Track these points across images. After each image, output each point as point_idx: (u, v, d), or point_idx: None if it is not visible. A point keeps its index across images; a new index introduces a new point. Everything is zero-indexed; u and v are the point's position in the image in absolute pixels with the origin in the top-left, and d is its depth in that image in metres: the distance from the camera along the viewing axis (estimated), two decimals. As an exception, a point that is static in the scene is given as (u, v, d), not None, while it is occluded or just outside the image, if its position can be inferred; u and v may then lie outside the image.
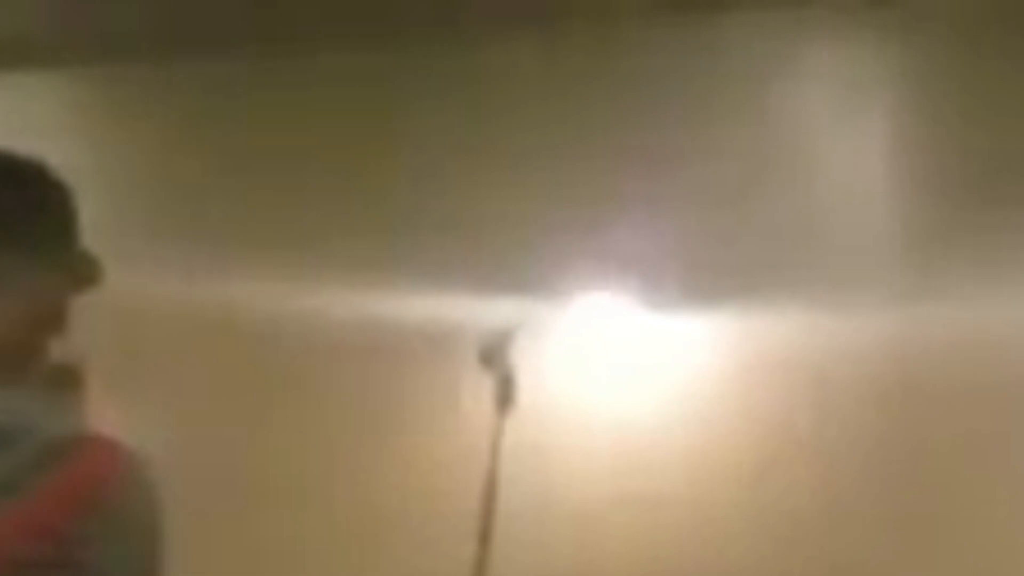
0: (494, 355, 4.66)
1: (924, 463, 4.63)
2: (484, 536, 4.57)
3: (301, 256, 5.48)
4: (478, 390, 4.72)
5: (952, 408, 4.59)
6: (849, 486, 4.72)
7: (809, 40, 5.06)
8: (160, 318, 5.45)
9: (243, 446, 5.34)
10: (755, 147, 5.00)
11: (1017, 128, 4.69)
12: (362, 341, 5.24)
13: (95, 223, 2.26)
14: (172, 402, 5.27)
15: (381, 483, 5.22)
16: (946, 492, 4.58)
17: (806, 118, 5.05)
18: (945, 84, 4.83)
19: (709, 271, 4.96)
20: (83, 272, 2.18)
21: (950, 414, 4.59)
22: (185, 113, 5.85)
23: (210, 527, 4.74)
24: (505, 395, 4.65)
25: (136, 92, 5.96)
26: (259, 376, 5.45)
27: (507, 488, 4.61)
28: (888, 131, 4.97)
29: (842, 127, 4.98)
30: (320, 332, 5.32)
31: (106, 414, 2.34)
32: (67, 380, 2.29)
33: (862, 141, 4.96)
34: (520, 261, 5.13)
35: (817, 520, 4.71)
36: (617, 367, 5.05)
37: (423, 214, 5.36)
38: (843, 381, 4.72)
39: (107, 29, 5.69)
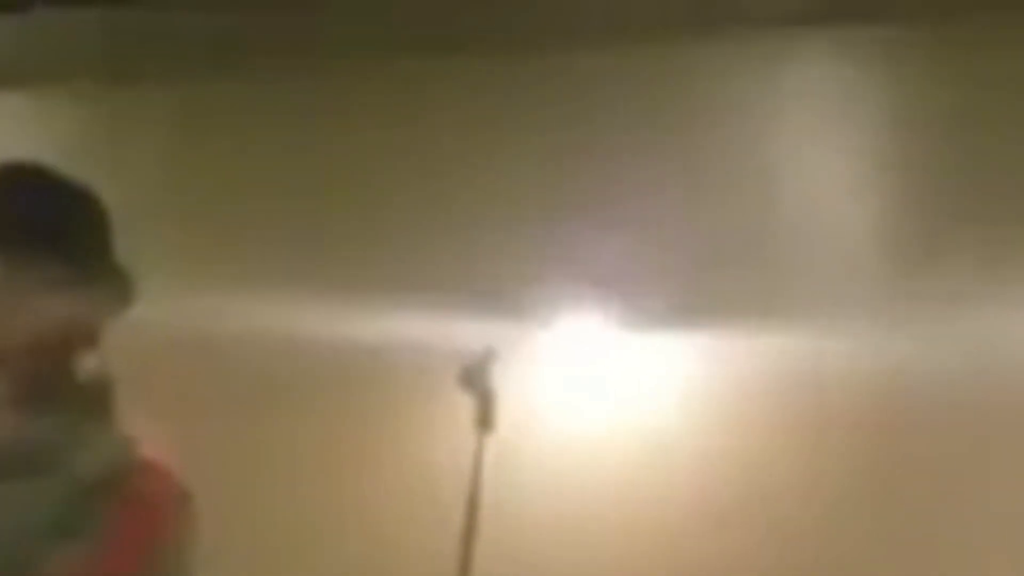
0: (474, 376, 4.65)
1: (908, 484, 4.62)
2: (465, 557, 4.54)
3: (281, 278, 5.46)
4: (458, 412, 4.70)
5: (936, 427, 4.59)
6: (834, 504, 4.71)
7: (791, 58, 5.07)
8: (139, 337, 5.41)
9: (222, 465, 5.30)
10: (737, 167, 5.00)
11: (1001, 147, 4.71)
12: (342, 363, 5.22)
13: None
14: (152, 420, 5.23)
15: (362, 502, 5.19)
16: (933, 510, 4.57)
17: (788, 137, 5.06)
18: (928, 101, 4.84)
19: (690, 291, 4.95)
20: (120, 290, 2.18)
21: (934, 434, 4.59)
22: (179, 130, 5.85)
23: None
24: (485, 416, 4.63)
25: (133, 109, 5.95)
26: (239, 397, 5.42)
27: (488, 509, 4.59)
28: (871, 149, 4.98)
29: (825, 145, 4.98)
30: (300, 353, 5.29)
31: (143, 433, 2.34)
32: (101, 399, 2.28)
33: (846, 159, 4.96)
34: (500, 282, 5.12)
35: (803, 538, 4.70)
36: (597, 388, 5.05)
37: (404, 236, 5.35)
38: (827, 400, 4.72)
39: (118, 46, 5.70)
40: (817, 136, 5.00)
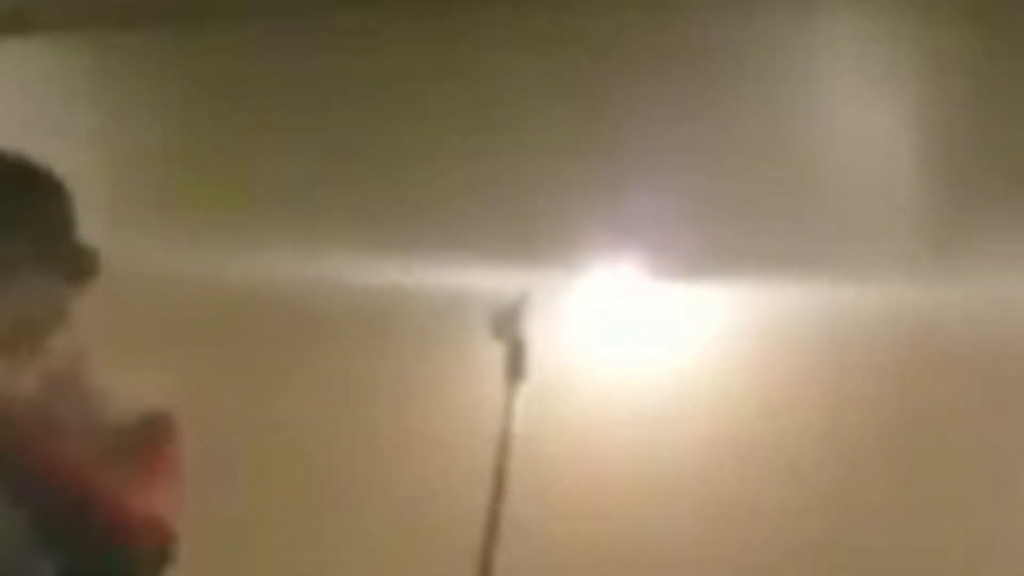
0: (505, 325, 4.64)
1: (939, 439, 4.61)
2: (495, 506, 4.55)
3: (311, 225, 5.46)
4: (489, 360, 4.70)
5: (969, 384, 4.58)
6: (864, 459, 4.70)
7: (830, 15, 5.02)
8: (167, 285, 5.44)
9: (252, 415, 5.32)
10: (772, 123, 4.97)
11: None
12: (372, 312, 5.22)
13: (104, 192, 2.26)
14: (183, 368, 5.25)
15: (392, 452, 5.20)
16: (963, 469, 4.57)
17: (824, 92, 5.02)
18: (966, 59, 4.79)
19: (722, 242, 4.93)
20: (83, 265, 2.22)
21: (967, 390, 4.58)
22: (189, 80, 5.83)
23: (221, 491, 4.74)
24: (516, 366, 4.63)
25: (133, 59, 5.94)
26: (269, 345, 5.44)
27: (518, 458, 4.60)
28: (906, 107, 4.94)
29: (860, 101, 4.94)
30: (330, 301, 5.30)
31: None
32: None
33: (880, 116, 4.92)
34: (532, 231, 5.10)
35: (833, 492, 4.70)
36: (629, 337, 5.04)
37: (434, 184, 5.33)
38: (858, 354, 4.70)
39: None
40: (852, 92, 4.96)
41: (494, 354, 4.66)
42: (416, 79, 5.42)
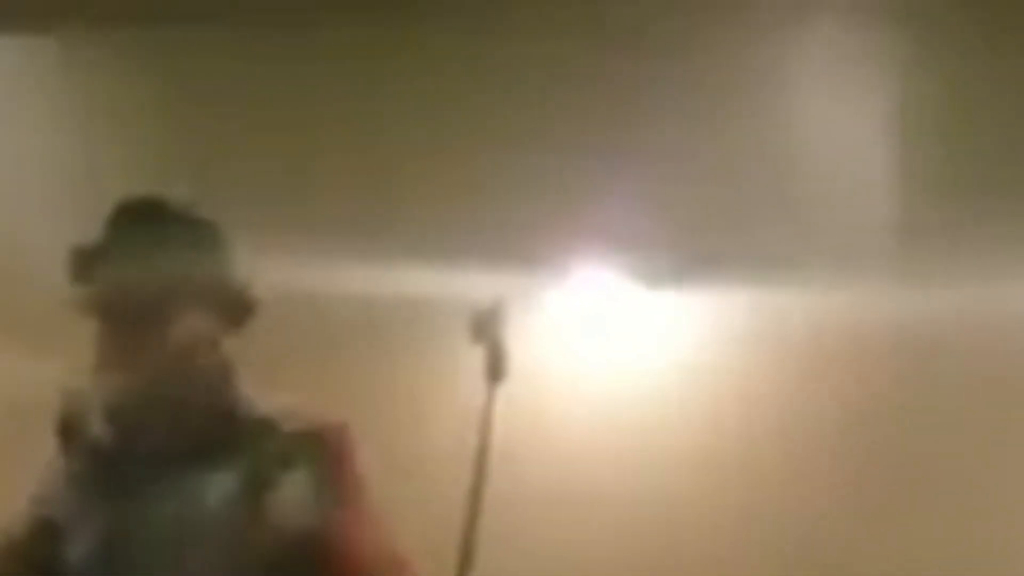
0: (485, 327, 4.63)
1: (925, 441, 4.63)
2: (474, 507, 4.55)
3: (289, 227, 5.45)
4: (469, 363, 4.70)
5: (952, 385, 4.60)
6: (846, 460, 4.73)
7: (814, 22, 5.03)
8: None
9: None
10: (755, 125, 4.98)
11: (1017, 114, 4.69)
12: (352, 314, 5.22)
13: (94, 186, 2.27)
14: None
15: (370, 455, 5.19)
16: (948, 469, 4.59)
17: (806, 98, 5.03)
18: (947, 64, 4.81)
19: (701, 247, 4.95)
20: (243, 307, 2.35)
21: (950, 391, 4.60)
22: (181, 82, 5.82)
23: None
24: (496, 368, 4.62)
25: (128, 57, 5.92)
26: (246, 352, 5.42)
27: (498, 461, 4.60)
28: (889, 113, 4.96)
29: (844, 106, 4.96)
30: (309, 304, 5.29)
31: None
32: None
33: (860, 125, 4.94)
34: (513, 234, 5.11)
35: (815, 492, 4.72)
36: (609, 341, 5.05)
37: (415, 185, 5.33)
38: (841, 358, 4.72)
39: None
40: (833, 100, 4.98)
41: (474, 357, 4.66)
42: (394, 86, 5.42)
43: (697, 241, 4.94)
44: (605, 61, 5.15)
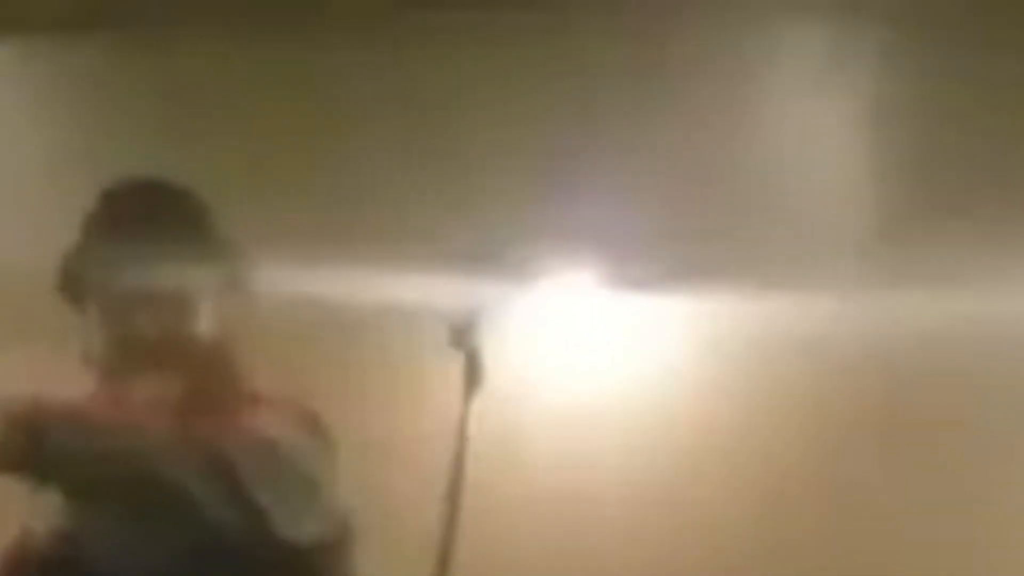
0: (462, 335, 4.62)
1: (901, 446, 4.64)
2: (451, 514, 4.53)
3: (264, 233, 5.42)
4: (445, 370, 4.68)
5: (927, 390, 4.61)
6: (829, 464, 4.72)
7: (787, 18, 5.03)
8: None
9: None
10: (729, 126, 4.98)
11: (994, 114, 4.70)
12: (327, 321, 5.20)
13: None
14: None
15: (346, 462, 5.17)
16: (925, 476, 4.59)
17: (782, 104, 5.03)
18: (923, 67, 4.82)
19: (680, 254, 4.94)
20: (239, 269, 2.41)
21: (927, 396, 4.61)
22: (169, 84, 5.80)
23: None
24: (472, 375, 4.61)
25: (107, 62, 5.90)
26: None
27: (474, 468, 4.58)
28: (863, 119, 4.96)
29: (820, 112, 4.96)
30: (284, 310, 5.27)
31: None
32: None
33: (838, 129, 4.95)
34: (489, 240, 5.10)
35: (791, 498, 4.72)
36: (586, 348, 5.04)
37: (390, 192, 5.32)
38: (817, 362, 4.72)
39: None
40: (810, 103, 4.98)
41: (451, 363, 4.64)
42: (365, 88, 5.40)
43: (675, 246, 4.94)
44: (579, 63, 5.14)
